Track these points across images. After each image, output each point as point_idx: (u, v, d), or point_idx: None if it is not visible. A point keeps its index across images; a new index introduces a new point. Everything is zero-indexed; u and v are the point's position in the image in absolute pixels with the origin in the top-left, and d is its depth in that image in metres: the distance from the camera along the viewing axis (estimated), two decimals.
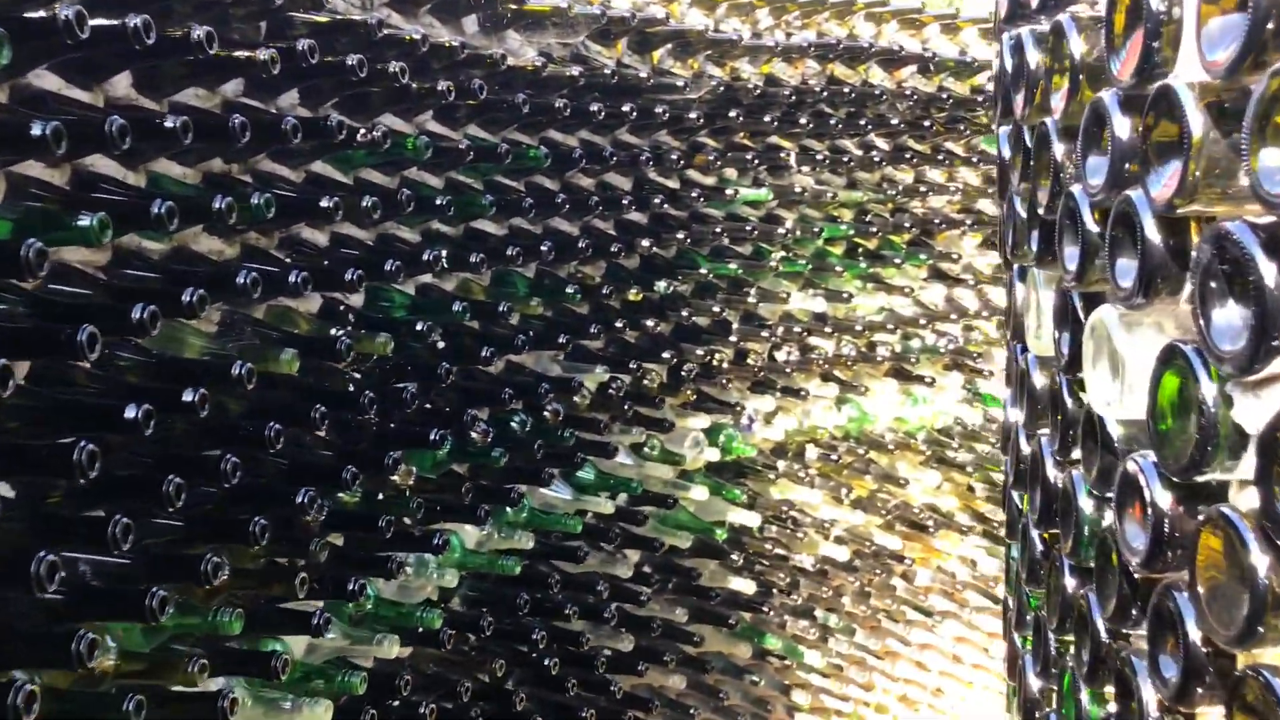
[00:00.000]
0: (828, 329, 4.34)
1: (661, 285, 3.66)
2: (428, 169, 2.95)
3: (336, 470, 2.36)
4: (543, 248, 3.13)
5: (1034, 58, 2.38)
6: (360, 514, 2.52)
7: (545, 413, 3.16)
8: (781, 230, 4.15)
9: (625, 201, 3.50)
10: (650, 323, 3.66)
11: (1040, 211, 2.33)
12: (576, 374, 3.32)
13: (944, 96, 4.58)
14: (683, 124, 3.74)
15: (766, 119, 4.03)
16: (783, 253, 4.27)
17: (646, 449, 3.63)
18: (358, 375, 2.55)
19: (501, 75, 2.94)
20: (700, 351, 3.79)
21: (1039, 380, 2.52)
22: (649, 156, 3.61)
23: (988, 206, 5.00)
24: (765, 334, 4.09)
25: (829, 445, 4.47)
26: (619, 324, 3.48)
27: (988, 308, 4.95)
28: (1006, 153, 2.82)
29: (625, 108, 3.40)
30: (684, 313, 3.71)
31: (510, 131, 3.28)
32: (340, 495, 2.41)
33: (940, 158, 4.72)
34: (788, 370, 4.22)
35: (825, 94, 4.19)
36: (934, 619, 5.05)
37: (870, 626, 4.84)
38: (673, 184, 3.98)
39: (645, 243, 3.65)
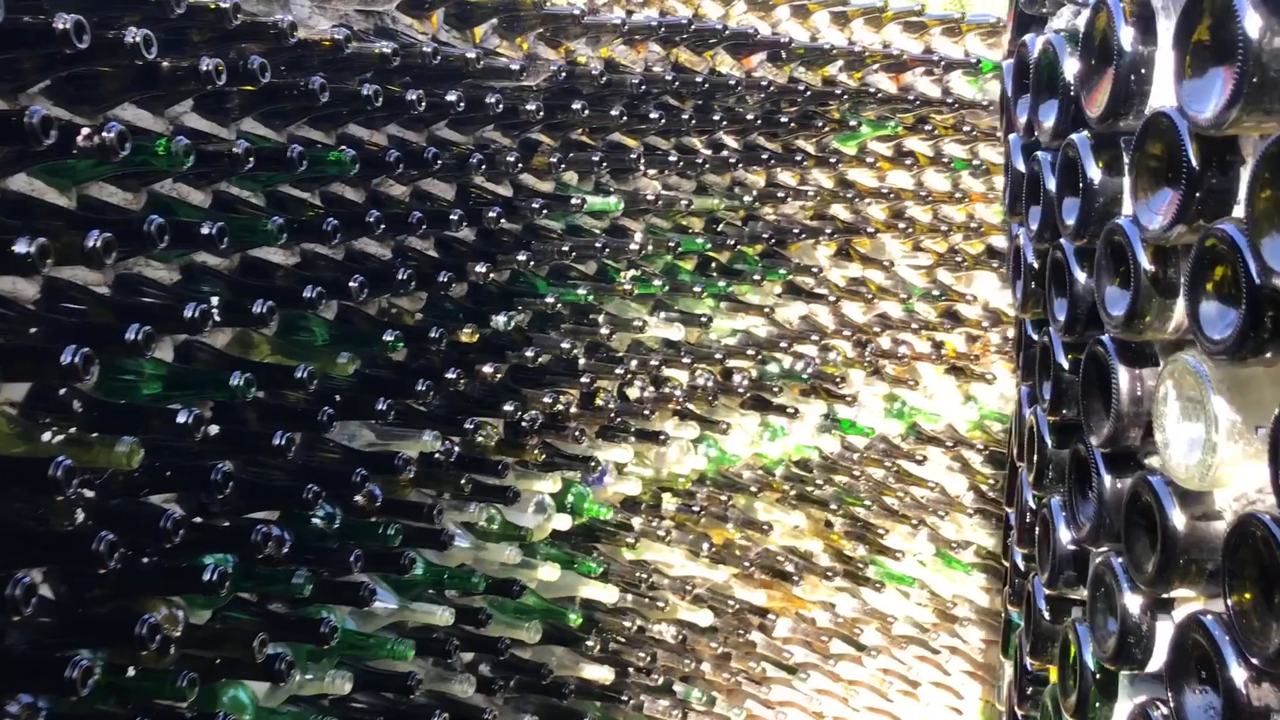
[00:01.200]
0: (684, 358, 3.71)
1: (501, 320, 2.92)
2: (187, 180, 2.13)
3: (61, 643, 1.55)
4: (350, 283, 2.35)
5: None
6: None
7: (358, 499, 2.38)
8: (633, 246, 3.47)
9: (451, 215, 2.75)
10: (488, 369, 2.92)
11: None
12: (397, 444, 2.55)
13: (800, 88, 4.01)
14: (517, 117, 3.01)
15: (613, 112, 3.34)
16: (634, 272, 3.60)
17: (484, 523, 2.90)
18: (88, 493, 1.72)
19: (289, 52, 2.15)
20: (546, 398, 3.08)
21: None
22: (480, 158, 2.87)
23: (841, 212, 4.48)
24: (617, 369, 3.41)
25: (687, 493, 3.84)
26: (449, 373, 2.72)
27: (845, 325, 4.43)
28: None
29: (451, 96, 2.65)
30: (527, 352, 2.99)
31: (300, 128, 2.49)
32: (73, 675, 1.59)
33: (799, 159, 4.16)
34: (642, 410, 3.56)
35: (675, 83, 3.54)
36: (798, 675, 4.51)
37: (729, 690, 4.25)
38: (505, 191, 3.24)
39: (481, 268, 2.91)
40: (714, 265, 4.01)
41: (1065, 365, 2.56)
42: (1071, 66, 2.35)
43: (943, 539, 4.75)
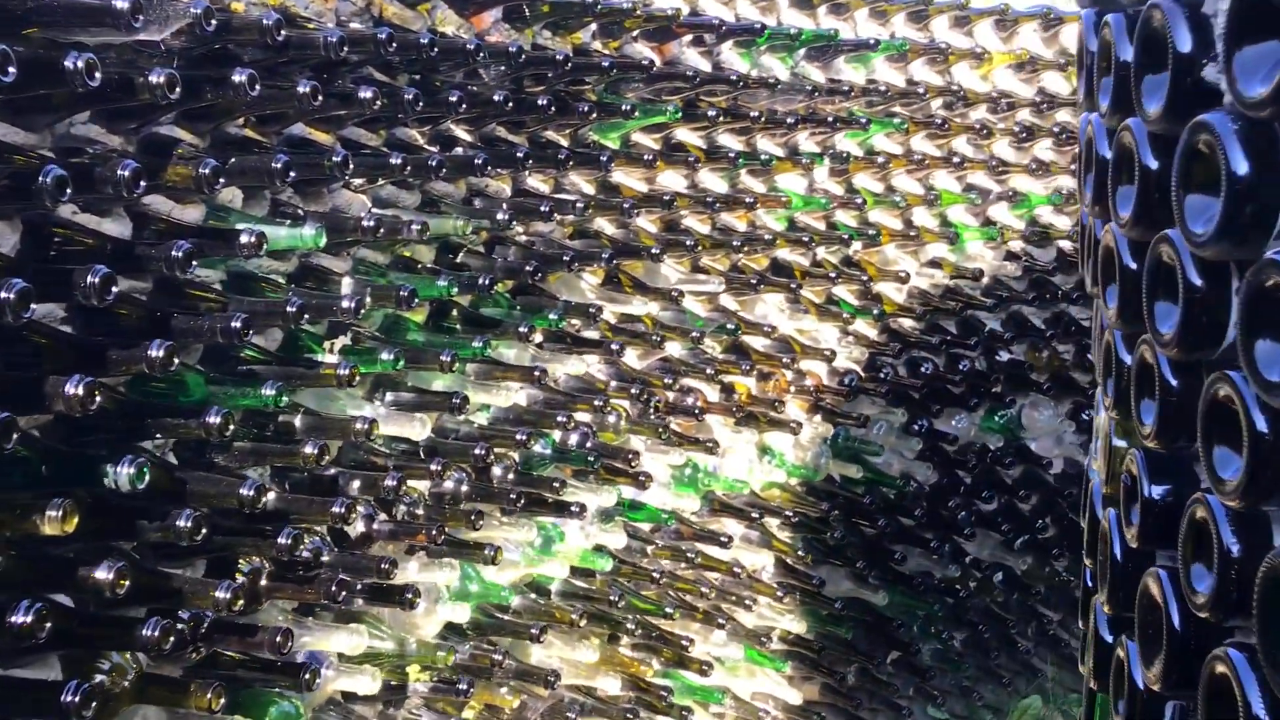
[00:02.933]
0: (431, 463, 2.45)
1: (123, 475, 1.58)
2: None
3: None
4: None
5: None
6: None
7: None
8: (345, 303, 2.17)
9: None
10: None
11: None
12: None
13: (559, 58, 2.84)
14: (134, 97, 1.67)
15: (301, 89, 2.05)
16: (343, 340, 2.32)
17: None
18: None
19: None
20: (219, 592, 1.75)
21: None
22: (60, 174, 1.51)
23: (606, 226, 3.36)
24: (333, 508, 2.11)
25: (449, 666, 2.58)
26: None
27: (620, 378, 3.31)
28: None
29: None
30: (179, 520, 1.65)
31: None
32: None
33: (561, 156, 2.98)
34: (369, 564, 2.27)
35: (391, 46, 2.27)
36: None
37: None
38: (119, 228, 1.88)
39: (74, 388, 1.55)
40: (455, 314, 2.76)
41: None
42: None
43: (748, 631, 3.76)
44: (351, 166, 2.23)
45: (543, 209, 2.92)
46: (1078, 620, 5.27)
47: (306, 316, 2.03)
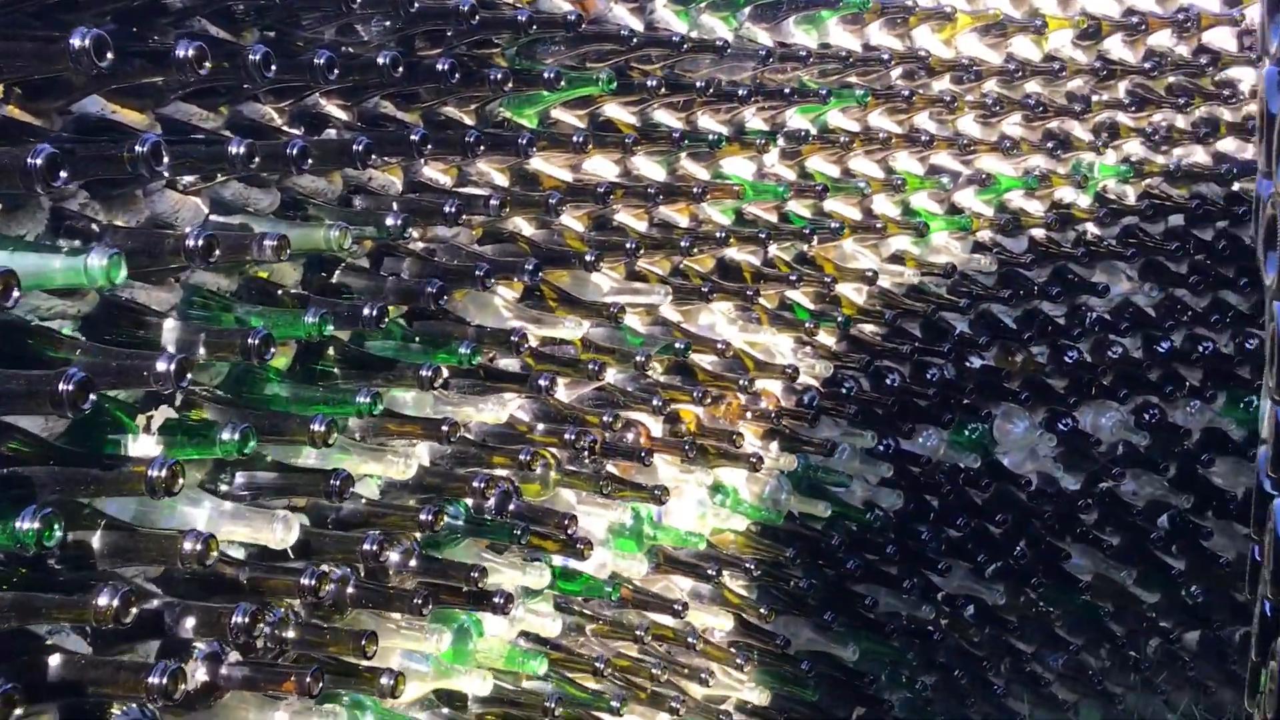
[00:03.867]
0: (304, 575, 1.75)
1: None
2: None
3: None
4: None
5: None
6: None
7: None
8: (160, 365, 1.45)
9: None
10: None
11: None
12: None
13: (458, 8, 2.14)
14: None
15: (77, 43, 1.33)
16: (166, 413, 1.60)
17: None
18: None
19: None
20: None
21: None
22: None
23: (525, 226, 2.67)
24: (146, 680, 1.41)
25: None
26: None
27: (547, 417, 2.62)
28: None
29: None
30: None
31: None
32: None
33: (469, 139, 2.28)
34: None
35: None
36: None
37: None
38: None
39: None
40: (333, 352, 2.05)
41: None
42: None
43: (701, 706, 3.13)
44: (167, 158, 1.50)
45: (446, 208, 2.21)
46: (1054, 654, 4.83)
47: (93, 393, 1.31)
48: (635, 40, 2.71)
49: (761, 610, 3.25)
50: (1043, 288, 4.01)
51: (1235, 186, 4.27)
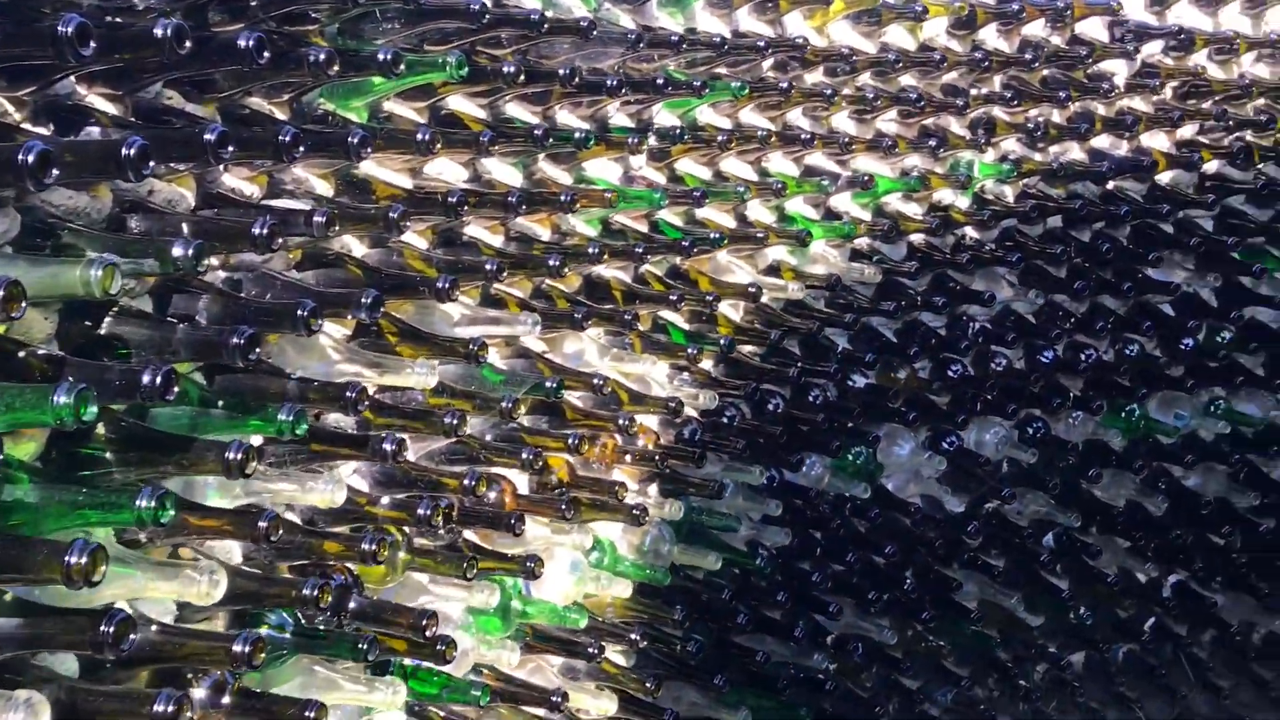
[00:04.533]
0: None
1: None
2: None
3: None
4: None
5: None
6: None
7: None
8: None
9: None
10: None
11: None
12: None
13: None
14: None
15: None
16: None
17: None
18: None
19: None
20: None
21: None
22: None
23: (355, 246, 2.14)
24: None
25: None
26: None
27: (392, 481, 2.11)
28: None
29: None
30: None
31: None
32: None
33: (285, 138, 1.74)
34: None
35: None
36: None
37: None
38: None
39: None
40: (102, 432, 1.50)
41: None
42: None
43: None
44: None
45: (255, 229, 1.68)
46: (943, 689, 4.54)
47: None
48: (486, 18, 2.21)
49: (647, 684, 2.80)
50: (925, 297, 3.69)
51: (1110, 185, 4.06)
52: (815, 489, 3.49)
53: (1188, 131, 4.17)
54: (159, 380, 1.37)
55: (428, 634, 1.95)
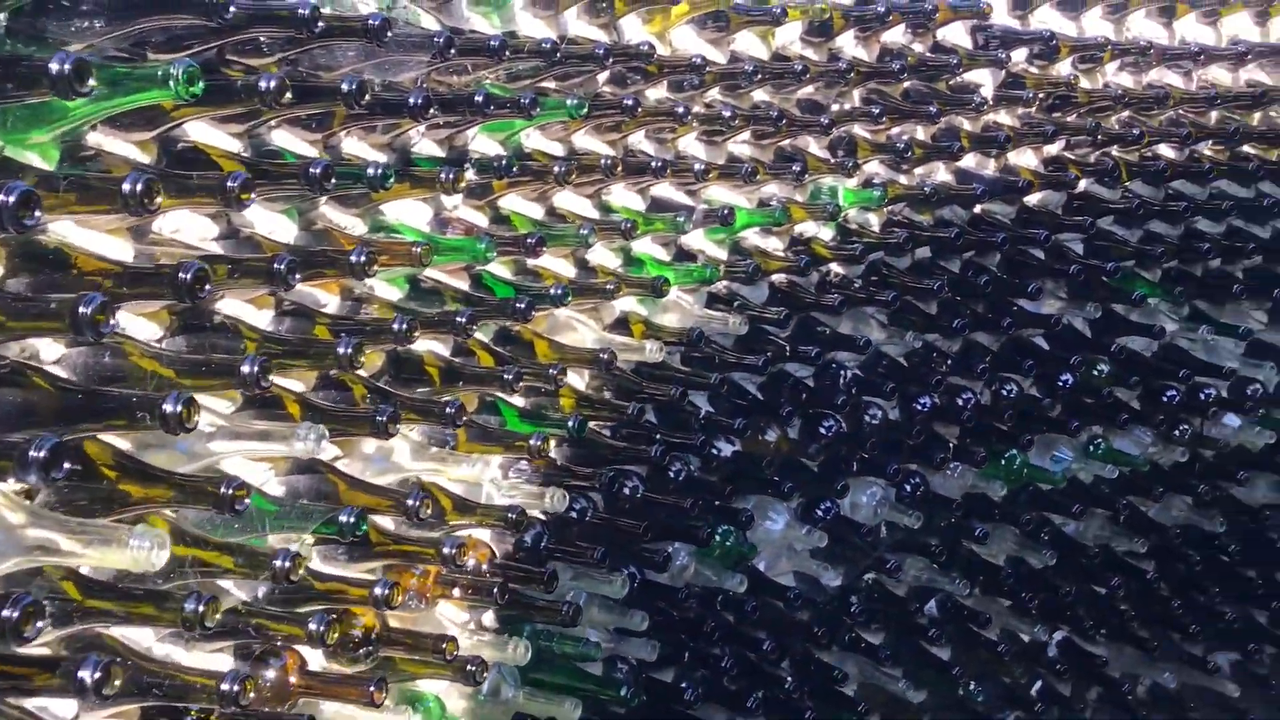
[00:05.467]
0: None
1: None
2: None
3: None
4: None
5: None
6: None
7: None
8: None
9: None
10: None
11: None
12: None
13: None
14: None
15: None
16: None
17: None
18: None
19: None
20: None
21: None
22: None
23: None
24: None
25: None
26: None
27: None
28: None
29: None
30: None
31: None
32: None
33: None
34: None
35: None
36: None
37: None
38: None
39: None
40: None
41: None
42: None
43: None
44: None
45: None
46: None
47: None
48: (231, 11, 1.54)
49: None
50: (792, 346, 3.16)
51: (977, 209, 3.64)
52: (683, 587, 2.92)
53: (1054, 148, 3.80)
54: None
55: None
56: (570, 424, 2.40)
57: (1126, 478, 3.95)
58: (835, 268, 3.33)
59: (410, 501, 1.90)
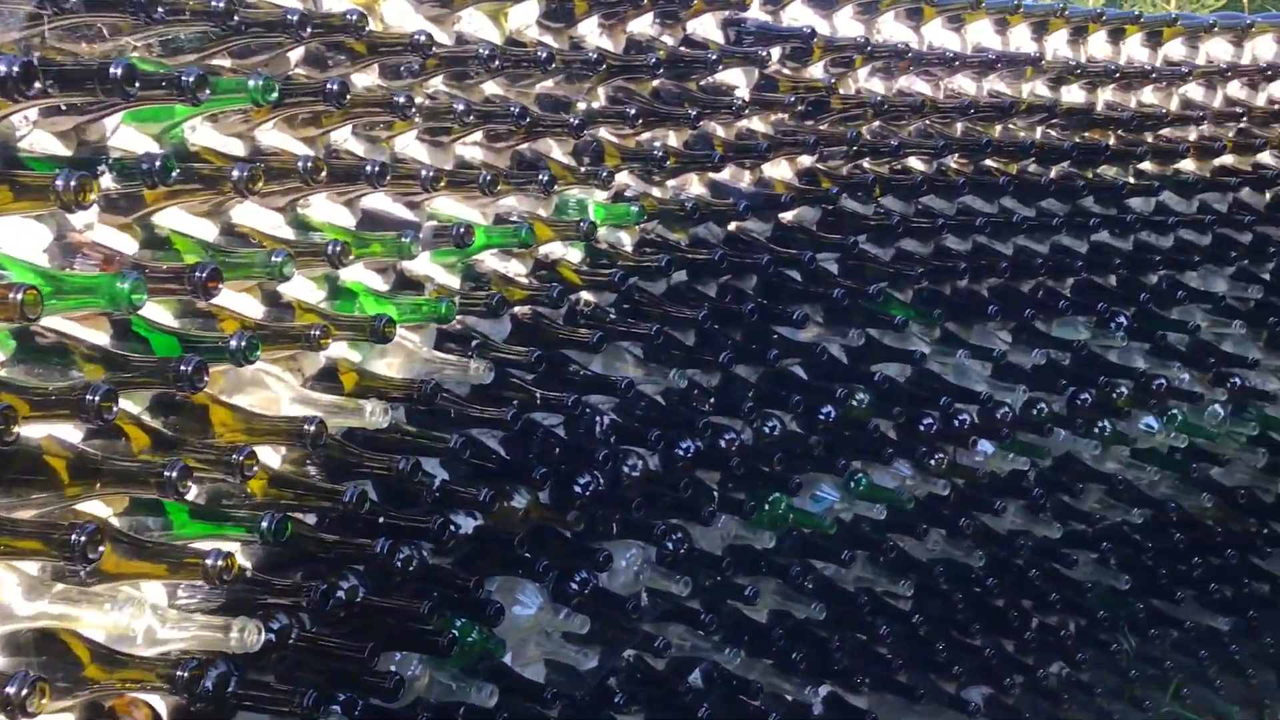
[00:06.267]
0: None
1: None
2: None
3: None
4: None
5: None
6: None
7: None
8: None
9: None
10: None
11: None
12: None
13: None
14: None
15: None
16: None
17: None
18: None
19: None
20: None
21: None
22: None
23: None
24: None
25: None
26: None
27: None
28: None
29: None
30: None
31: None
32: None
33: None
34: None
35: None
36: None
37: None
38: None
39: None
40: None
41: None
42: None
43: None
44: None
45: None
46: None
47: None
48: None
49: None
50: (542, 394, 2.61)
51: (732, 226, 3.23)
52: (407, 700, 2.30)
53: (807, 159, 3.44)
54: None
55: None
56: (265, 525, 1.74)
57: (893, 514, 3.66)
58: (586, 295, 2.81)
59: (9, 689, 1.20)
